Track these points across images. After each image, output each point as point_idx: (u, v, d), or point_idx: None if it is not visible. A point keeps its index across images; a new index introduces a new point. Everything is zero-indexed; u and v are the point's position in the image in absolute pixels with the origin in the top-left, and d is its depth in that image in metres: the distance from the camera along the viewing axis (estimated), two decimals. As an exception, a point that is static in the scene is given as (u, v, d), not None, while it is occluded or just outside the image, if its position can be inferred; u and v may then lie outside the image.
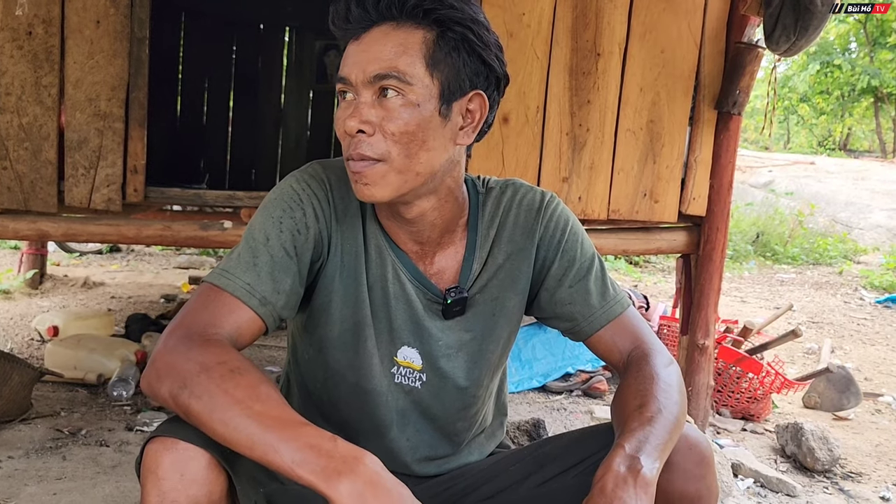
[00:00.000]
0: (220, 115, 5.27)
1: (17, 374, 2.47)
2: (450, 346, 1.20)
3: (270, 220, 1.09)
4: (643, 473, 0.93)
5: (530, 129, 2.60)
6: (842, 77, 16.09)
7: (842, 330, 5.17)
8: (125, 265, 6.19)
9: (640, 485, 0.92)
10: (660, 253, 2.98)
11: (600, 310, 1.21)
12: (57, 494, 2.00)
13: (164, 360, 0.95)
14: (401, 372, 1.20)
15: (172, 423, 0.96)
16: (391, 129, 1.03)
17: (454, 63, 1.05)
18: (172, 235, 2.50)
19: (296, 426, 0.88)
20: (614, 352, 1.21)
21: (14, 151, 2.33)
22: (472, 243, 1.20)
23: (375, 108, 1.03)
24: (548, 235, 1.22)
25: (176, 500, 0.91)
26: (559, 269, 1.22)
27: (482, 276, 1.20)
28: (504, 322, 1.23)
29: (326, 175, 1.15)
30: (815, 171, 11.52)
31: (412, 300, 1.18)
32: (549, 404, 3.16)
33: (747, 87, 2.68)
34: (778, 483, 2.41)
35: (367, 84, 1.03)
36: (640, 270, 7.57)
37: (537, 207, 1.22)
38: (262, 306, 1.05)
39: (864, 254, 8.54)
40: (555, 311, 1.24)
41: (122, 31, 2.35)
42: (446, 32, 1.04)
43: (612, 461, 0.95)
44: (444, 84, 1.05)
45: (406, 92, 1.03)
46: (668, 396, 1.07)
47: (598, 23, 2.61)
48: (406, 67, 1.02)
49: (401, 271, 1.17)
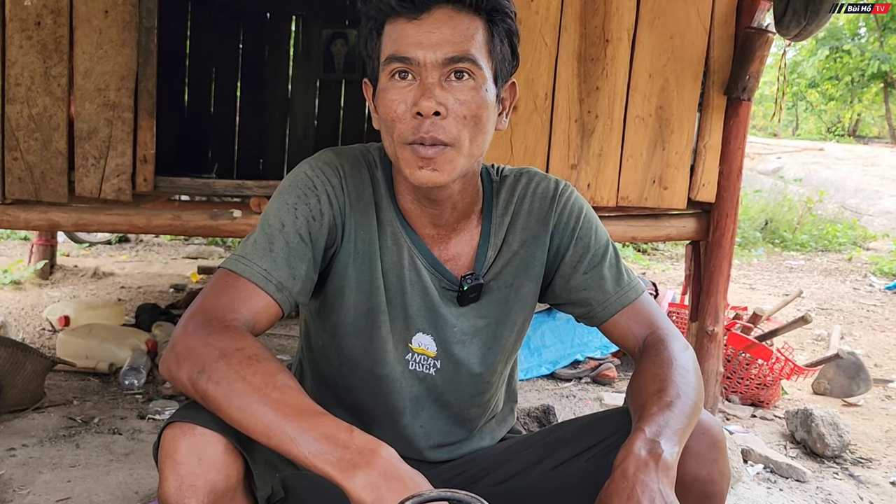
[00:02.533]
0: (227, 104, 5.27)
1: (29, 364, 2.49)
2: (464, 332, 1.21)
3: (285, 207, 1.10)
4: (664, 458, 0.94)
5: (539, 116, 2.59)
6: (851, 62, 15.94)
7: (851, 316, 5.15)
8: (134, 255, 6.22)
9: (661, 468, 0.93)
10: (669, 240, 2.98)
11: (615, 295, 1.22)
12: (71, 482, 2.02)
13: (184, 345, 0.96)
14: (415, 359, 1.21)
15: (189, 408, 0.97)
16: (464, 113, 1.04)
17: (502, 52, 1.09)
18: (182, 225, 2.50)
19: (313, 416, 0.88)
20: (629, 337, 1.21)
21: (24, 142, 2.34)
22: (487, 230, 1.21)
23: (445, 91, 1.04)
24: (562, 223, 1.23)
25: (194, 484, 0.92)
26: (574, 256, 1.23)
27: (497, 263, 1.21)
28: (518, 309, 1.23)
29: (340, 162, 1.16)
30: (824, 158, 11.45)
31: (428, 287, 1.18)
32: (559, 391, 3.17)
33: (757, 73, 2.67)
34: (788, 469, 2.41)
35: (437, 66, 1.03)
36: (649, 258, 7.56)
37: (552, 195, 1.23)
38: (279, 292, 1.06)
39: (873, 240, 8.49)
40: (570, 298, 1.24)
41: (131, 21, 2.35)
42: (497, 22, 1.07)
43: (633, 445, 0.96)
44: (496, 71, 1.09)
45: (477, 76, 1.05)
46: (686, 381, 1.07)
47: (606, 9, 2.59)
48: (476, 52, 1.04)
49: (416, 257, 1.18)
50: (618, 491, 0.92)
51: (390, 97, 1.05)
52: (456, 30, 1.03)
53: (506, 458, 1.22)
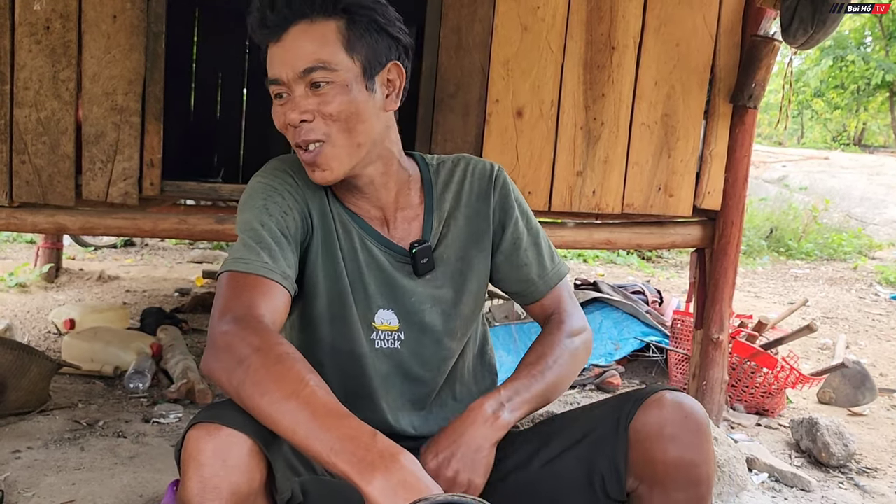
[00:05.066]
0: (233, 109, 5.29)
1: (35, 366, 2.49)
2: (423, 301, 1.28)
3: (256, 210, 1.18)
4: (501, 418, 1.13)
5: (544, 122, 2.59)
6: (856, 72, 15.92)
7: (856, 325, 5.14)
8: (139, 259, 6.23)
9: (495, 427, 1.12)
10: (674, 247, 2.97)
11: (552, 272, 1.35)
12: (76, 485, 2.02)
13: (224, 340, 1.00)
14: (379, 336, 1.27)
15: (213, 409, 0.97)
16: (328, 111, 1.14)
17: (368, 43, 1.16)
18: (188, 229, 2.51)
19: (339, 417, 0.90)
20: (545, 312, 1.35)
21: (32, 145, 2.35)
22: (430, 205, 1.30)
23: (310, 99, 1.14)
24: (501, 200, 1.33)
25: (217, 486, 0.91)
26: (515, 233, 1.33)
27: (446, 236, 1.29)
28: (473, 277, 1.32)
29: (286, 167, 1.26)
30: (829, 166, 11.43)
31: (382, 264, 1.26)
32: (563, 398, 3.17)
33: (763, 81, 2.67)
34: (793, 478, 2.40)
35: (297, 80, 1.13)
36: (653, 265, 7.55)
37: (489, 175, 1.34)
38: (285, 279, 1.12)
39: (879, 249, 8.47)
40: (512, 275, 1.35)
41: (139, 26, 2.36)
42: (355, 18, 1.15)
43: (487, 399, 1.15)
44: (364, 63, 1.16)
45: (334, 78, 1.13)
46: (558, 363, 1.23)
47: (612, 16, 2.60)
48: (329, 57, 1.13)
49: (367, 239, 1.26)
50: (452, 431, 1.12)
51: (275, 116, 1.19)
52: (307, 42, 1.12)
53: (504, 455, 1.23)
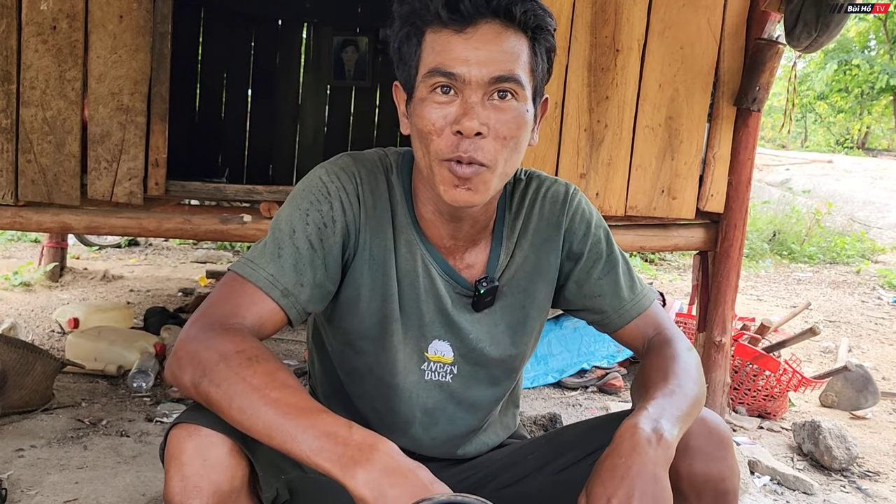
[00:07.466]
0: (238, 110, 5.30)
1: (39, 365, 2.50)
2: (481, 338, 1.20)
3: (297, 212, 1.10)
4: (665, 437, 0.95)
5: (548, 124, 2.60)
6: (860, 75, 15.91)
7: (859, 329, 5.13)
8: (143, 259, 6.24)
9: (661, 447, 0.94)
10: (677, 249, 2.98)
11: (630, 302, 1.23)
12: (79, 483, 2.02)
13: (186, 350, 0.97)
14: (431, 367, 1.20)
15: (195, 410, 0.97)
16: (504, 133, 1.02)
17: (540, 69, 1.06)
18: (193, 229, 2.52)
19: (313, 413, 0.88)
20: (639, 339, 1.23)
21: (38, 145, 2.36)
22: (500, 235, 1.20)
23: (487, 110, 1.01)
24: (574, 226, 1.22)
25: (198, 485, 0.93)
26: (588, 261, 1.23)
27: (510, 267, 1.21)
28: (535, 313, 1.23)
29: (356, 168, 1.14)
30: (832, 170, 11.42)
31: (441, 294, 1.18)
32: (565, 400, 3.17)
33: (767, 84, 2.67)
34: (795, 481, 2.40)
35: (482, 84, 1.00)
36: (656, 268, 7.55)
37: (562, 199, 1.23)
38: (284, 298, 1.05)
39: (882, 253, 8.45)
40: (584, 304, 1.25)
41: (145, 26, 2.38)
42: (539, 40, 1.04)
43: (637, 419, 0.96)
44: (534, 89, 1.06)
45: (519, 96, 1.02)
46: (688, 376, 1.09)
47: (617, 19, 2.60)
48: (520, 72, 1.02)
49: (430, 265, 1.17)
50: (614, 466, 0.92)
51: (430, 111, 1.02)
52: (503, 48, 1.00)
53: (512, 462, 1.22)
